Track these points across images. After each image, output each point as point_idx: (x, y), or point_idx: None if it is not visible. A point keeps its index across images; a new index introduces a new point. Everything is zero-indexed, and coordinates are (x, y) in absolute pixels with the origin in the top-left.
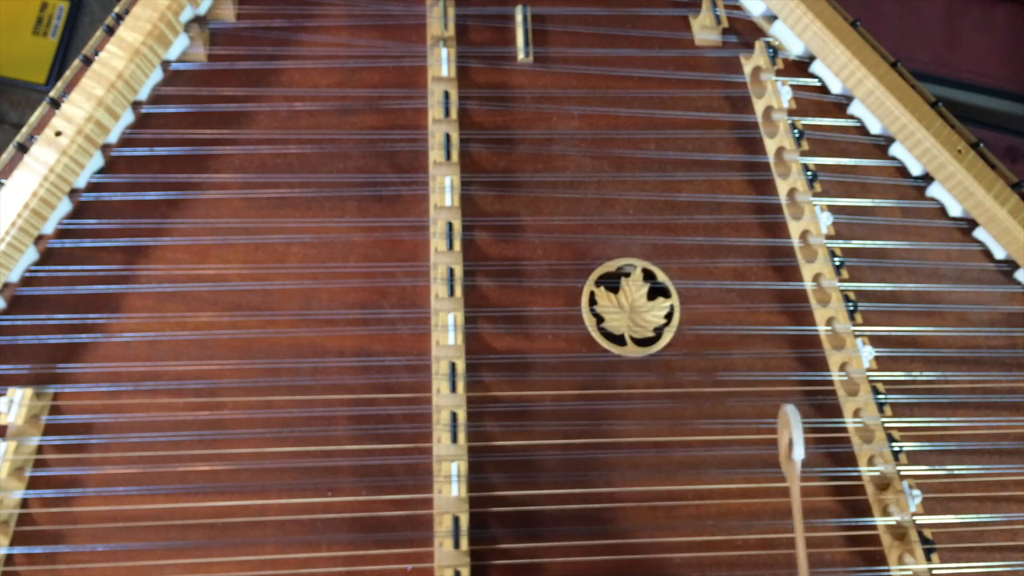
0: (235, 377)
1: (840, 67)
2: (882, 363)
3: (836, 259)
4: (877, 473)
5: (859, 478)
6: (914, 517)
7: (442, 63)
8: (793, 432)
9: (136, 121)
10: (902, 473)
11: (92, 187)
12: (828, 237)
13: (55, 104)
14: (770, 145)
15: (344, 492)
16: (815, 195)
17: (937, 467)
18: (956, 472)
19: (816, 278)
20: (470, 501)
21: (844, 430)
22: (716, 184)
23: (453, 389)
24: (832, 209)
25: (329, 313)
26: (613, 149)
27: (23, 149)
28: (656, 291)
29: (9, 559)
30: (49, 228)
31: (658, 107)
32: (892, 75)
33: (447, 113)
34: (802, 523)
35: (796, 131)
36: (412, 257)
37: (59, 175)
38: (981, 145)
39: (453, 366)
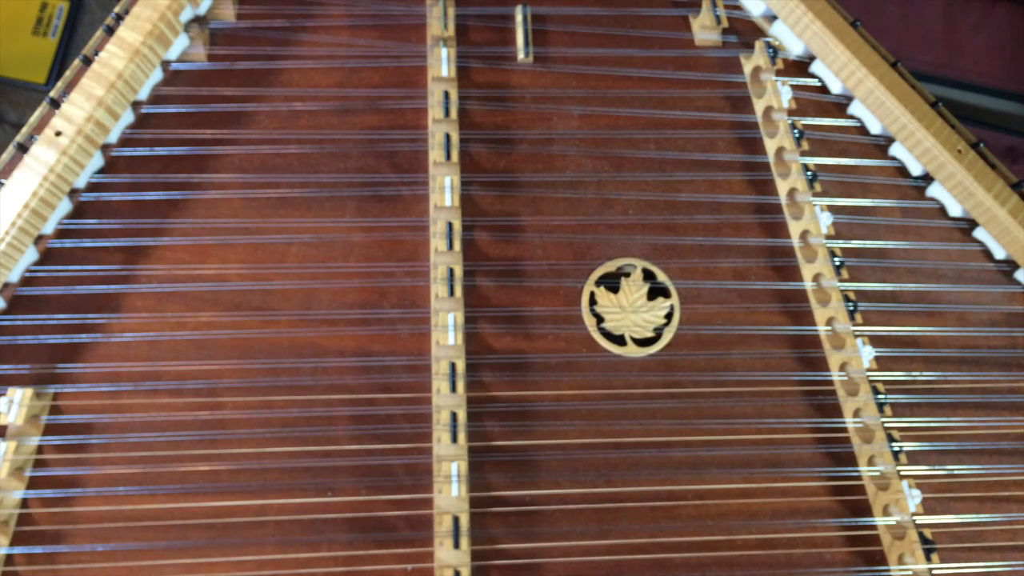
0: (235, 377)
1: (840, 67)
2: (882, 363)
3: (836, 259)
4: (877, 473)
5: (859, 478)
6: (914, 517)
7: (442, 63)
8: None
9: (136, 121)
10: (902, 473)
11: (92, 187)
12: (828, 237)
13: (55, 104)
14: (770, 145)
15: (344, 492)
16: (815, 195)
17: (937, 467)
18: (956, 472)
19: (816, 278)
20: (470, 501)
21: (844, 430)
22: (716, 184)
23: (453, 389)
24: (832, 209)
25: (329, 313)
26: (613, 149)
27: (23, 149)
28: (656, 291)
29: (9, 559)
30: (49, 228)
31: (658, 107)
32: (892, 75)
33: (447, 113)
34: None
35: (796, 131)
36: (412, 257)
37: (59, 175)
38: (981, 145)
39: (453, 366)
